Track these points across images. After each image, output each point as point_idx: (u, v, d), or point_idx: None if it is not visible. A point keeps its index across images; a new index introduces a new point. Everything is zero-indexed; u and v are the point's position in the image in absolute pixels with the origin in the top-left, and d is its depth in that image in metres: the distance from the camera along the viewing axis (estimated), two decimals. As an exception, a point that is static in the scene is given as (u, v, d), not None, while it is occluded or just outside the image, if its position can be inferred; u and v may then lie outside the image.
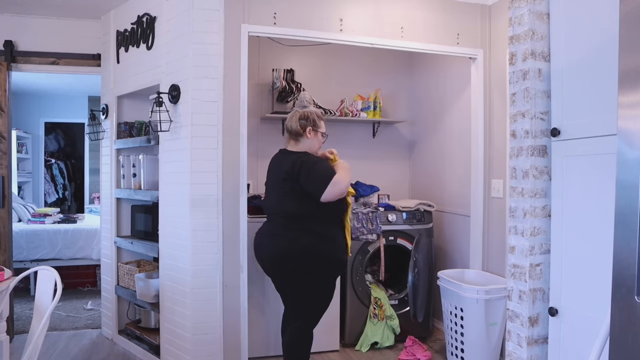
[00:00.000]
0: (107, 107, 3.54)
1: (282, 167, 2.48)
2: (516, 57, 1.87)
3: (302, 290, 2.48)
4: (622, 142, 1.11)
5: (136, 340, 3.31)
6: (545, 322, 1.82)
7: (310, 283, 2.46)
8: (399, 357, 3.20)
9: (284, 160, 2.52)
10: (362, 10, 3.00)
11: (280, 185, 2.48)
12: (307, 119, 2.54)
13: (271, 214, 2.59)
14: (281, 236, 2.46)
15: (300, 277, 2.45)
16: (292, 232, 2.43)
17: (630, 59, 1.11)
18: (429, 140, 4.07)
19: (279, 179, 2.48)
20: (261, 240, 2.58)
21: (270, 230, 2.55)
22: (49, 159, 7.44)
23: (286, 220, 2.47)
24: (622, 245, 1.10)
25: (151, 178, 3.20)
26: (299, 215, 2.43)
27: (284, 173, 2.44)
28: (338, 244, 2.51)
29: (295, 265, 2.42)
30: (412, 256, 3.38)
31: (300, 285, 2.47)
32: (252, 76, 3.63)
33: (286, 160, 2.49)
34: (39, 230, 4.78)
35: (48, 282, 2.17)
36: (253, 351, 3.06)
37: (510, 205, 1.91)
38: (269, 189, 2.64)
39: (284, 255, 2.43)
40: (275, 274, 2.55)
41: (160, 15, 2.98)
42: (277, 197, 2.51)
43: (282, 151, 2.62)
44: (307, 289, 2.48)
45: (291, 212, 2.44)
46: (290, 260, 2.42)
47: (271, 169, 2.63)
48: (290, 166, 2.42)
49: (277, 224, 2.52)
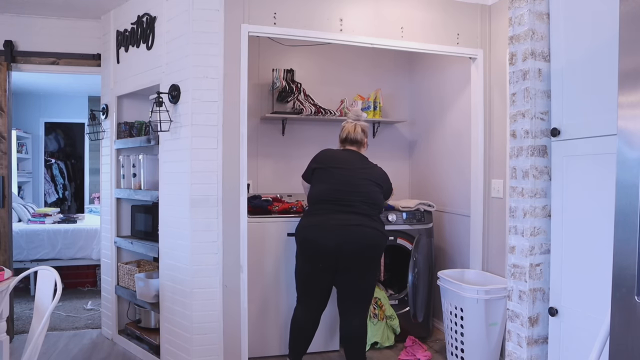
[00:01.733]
0: (107, 107, 3.54)
1: (372, 167, 2.82)
2: (516, 57, 1.87)
3: (373, 277, 2.77)
4: (622, 142, 1.11)
5: (136, 340, 3.31)
6: (545, 322, 1.82)
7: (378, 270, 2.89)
8: (399, 357, 3.20)
9: (367, 161, 2.85)
10: (362, 10, 3.00)
11: (374, 181, 2.75)
12: (365, 133, 2.95)
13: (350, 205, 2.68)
14: (377, 224, 2.73)
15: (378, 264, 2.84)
16: (379, 224, 2.74)
17: (630, 59, 1.11)
18: (429, 140, 4.07)
19: (371, 176, 2.76)
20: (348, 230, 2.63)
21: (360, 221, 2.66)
22: (49, 159, 7.44)
23: (376, 211, 2.75)
24: (622, 245, 1.10)
25: (151, 178, 3.20)
26: (381, 208, 2.81)
27: (378, 173, 2.80)
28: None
29: (379, 252, 2.74)
30: (412, 256, 3.38)
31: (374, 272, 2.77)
32: (252, 76, 3.63)
33: (370, 163, 2.85)
34: (39, 230, 4.78)
35: (48, 282, 2.17)
36: (253, 351, 3.06)
37: (510, 205, 1.91)
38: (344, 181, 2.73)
39: (382, 241, 2.72)
40: (359, 262, 2.66)
41: (160, 15, 2.98)
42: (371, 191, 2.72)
43: (354, 152, 2.88)
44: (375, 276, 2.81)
45: (382, 204, 2.82)
46: (379, 248, 2.72)
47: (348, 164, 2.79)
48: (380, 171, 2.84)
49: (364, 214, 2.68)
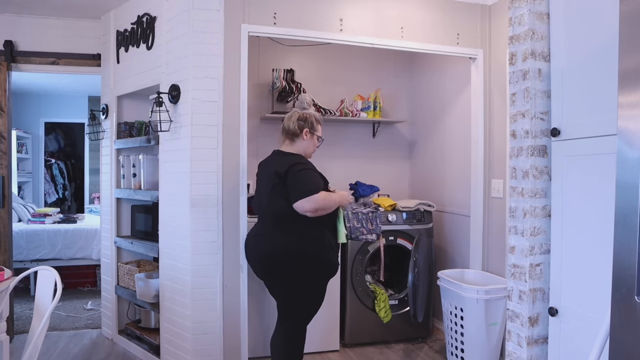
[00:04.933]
0: (107, 107, 3.54)
1: (274, 167, 2.46)
2: (516, 57, 1.87)
3: (291, 291, 2.46)
4: (622, 142, 1.11)
5: (136, 340, 3.31)
6: (545, 322, 1.82)
7: (299, 285, 2.43)
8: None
9: (276, 160, 2.51)
10: (362, 10, 3.00)
11: (271, 185, 2.44)
12: (305, 120, 2.54)
13: (261, 214, 2.56)
14: (269, 237, 2.45)
15: (289, 279, 2.42)
16: (281, 233, 2.41)
17: (630, 59, 1.11)
18: (429, 140, 4.07)
19: (270, 179, 2.45)
20: (249, 241, 2.58)
21: (259, 231, 2.54)
22: (49, 159, 7.44)
23: (276, 220, 2.44)
24: (622, 245, 1.10)
25: (151, 178, 3.20)
26: (289, 216, 2.37)
27: (274, 173, 2.41)
28: (327, 246, 2.46)
29: (283, 266, 2.40)
30: (412, 256, 3.38)
31: (289, 286, 2.45)
32: (252, 76, 3.63)
33: (279, 161, 2.48)
34: (39, 230, 4.78)
35: (48, 282, 2.17)
36: (253, 351, 3.06)
37: (510, 205, 1.91)
38: (259, 189, 2.61)
39: (272, 256, 2.41)
40: (264, 274, 2.53)
41: (160, 15, 2.98)
42: (267, 197, 2.46)
43: (275, 152, 2.60)
44: (296, 291, 2.45)
45: (281, 212, 2.40)
46: (278, 261, 2.40)
47: (262, 169, 2.62)
48: (282, 166, 2.40)
49: (266, 224, 2.49)
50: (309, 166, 2.47)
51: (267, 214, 2.49)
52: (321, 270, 2.47)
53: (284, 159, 2.47)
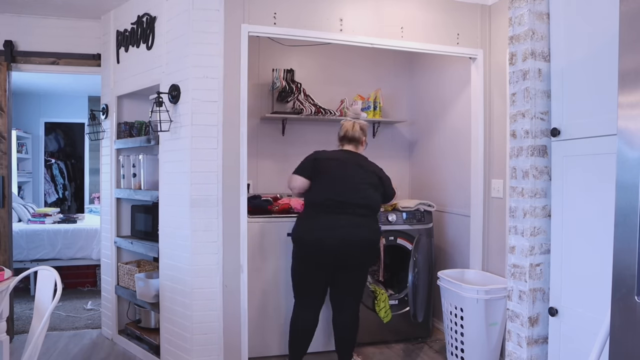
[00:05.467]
0: (107, 107, 3.54)
1: (368, 167, 2.84)
2: (516, 57, 1.87)
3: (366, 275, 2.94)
4: (622, 142, 1.11)
5: (136, 340, 3.31)
6: (545, 322, 1.82)
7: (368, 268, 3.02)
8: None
9: (364, 160, 2.87)
10: (362, 10, 3.00)
11: (368, 182, 2.79)
12: (364, 131, 2.96)
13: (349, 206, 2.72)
14: (373, 225, 2.81)
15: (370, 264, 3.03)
16: (375, 223, 2.84)
17: (630, 59, 1.11)
18: (429, 140, 4.07)
19: (367, 177, 2.79)
20: (346, 231, 2.70)
21: (358, 222, 2.74)
22: (49, 159, 7.44)
23: (372, 212, 2.81)
24: (622, 245, 1.10)
25: (151, 178, 3.20)
26: (376, 210, 2.85)
27: (374, 172, 2.83)
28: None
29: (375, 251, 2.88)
30: (412, 256, 3.38)
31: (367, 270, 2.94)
32: (252, 76, 3.63)
33: (367, 162, 2.87)
34: (39, 230, 4.78)
35: (48, 282, 2.17)
36: (253, 351, 3.06)
37: (510, 205, 1.91)
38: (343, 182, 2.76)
39: (374, 242, 2.81)
40: (359, 260, 2.80)
41: (160, 15, 2.98)
42: (367, 192, 2.77)
43: (351, 152, 2.90)
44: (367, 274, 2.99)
45: (378, 206, 2.86)
46: (374, 247, 2.84)
47: (345, 165, 2.82)
48: (376, 170, 2.86)
49: (361, 216, 2.75)
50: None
51: (363, 206, 2.76)
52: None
53: (370, 162, 2.89)
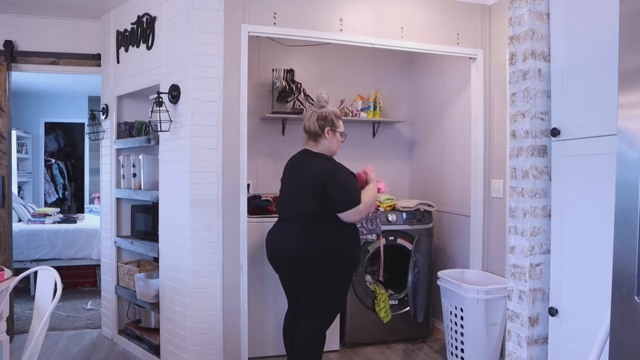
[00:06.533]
0: (107, 107, 3.54)
1: (307, 168, 2.47)
2: (516, 57, 1.87)
3: (321, 291, 2.46)
4: (622, 142, 1.11)
5: (136, 340, 3.31)
6: (545, 322, 1.82)
7: (330, 284, 2.45)
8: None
9: (308, 161, 2.51)
10: (362, 10, 3.00)
11: (304, 186, 2.44)
12: (325, 119, 2.52)
13: (289, 214, 2.54)
14: (300, 237, 2.43)
15: (321, 279, 2.43)
16: (313, 234, 2.42)
17: (630, 59, 1.11)
18: (429, 140, 4.07)
19: (302, 181, 2.45)
20: (277, 241, 2.54)
21: (287, 232, 2.51)
22: (49, 159, 7.44)
23: (307, 221, 2.44)
24: (622, 245, 1.10)
25: (151, 178, 3.20)
26: (322, 217, 2.41)
27: (310, 175, 2.42)
28: (358, 244, 2.55)
29: (317, 267, 2.40)
30: (412, 256, 3.38)
31: (320, 286, 2.45)
32: (252, 76, 3.63)
33: (311, 163, 2.48)
34: (39, 230, 4.78)
35: (48, 282, 2.17)
36: (253, 351, 3.06)
37: (510, 205, 1.91)
38: (287, 189, 2.59)
39: (304, 257, 2.41)
40: (293, 275, 2.54)
41: (160, 15, 2.98)
42: (299, 198, 2.46)
43: (304, 151, 2.59)
44: (327, 290, 2.46)
45: (315, 214, 2.41)
46: (312, 262, 2.40)
47: (291, 168, 2.61)
48: (318, 171, 2.41)
49: (296, 225, 2.47)
50: (345, 171, 2.48)
51: (297, 214, 2.47)
52: (351, 268, 2.53)
53: (316, 162, 2.47)
